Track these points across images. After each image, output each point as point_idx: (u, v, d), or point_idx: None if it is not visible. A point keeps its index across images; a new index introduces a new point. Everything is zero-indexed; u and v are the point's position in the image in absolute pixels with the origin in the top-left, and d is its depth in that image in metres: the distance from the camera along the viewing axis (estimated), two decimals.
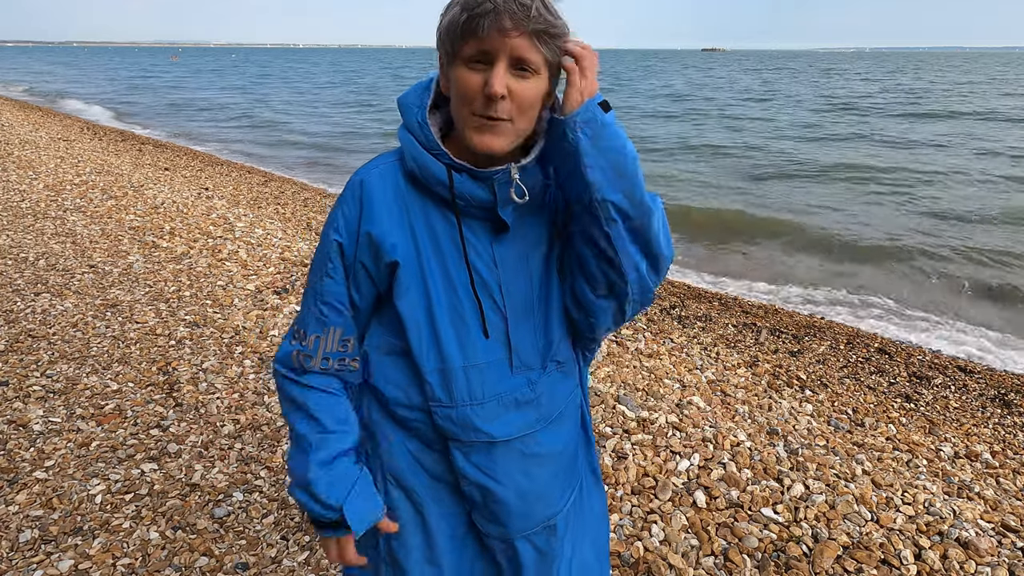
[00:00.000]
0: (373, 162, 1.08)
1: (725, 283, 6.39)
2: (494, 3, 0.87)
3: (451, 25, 0.92)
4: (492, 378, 1.10)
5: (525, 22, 0.88)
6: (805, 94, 31.80)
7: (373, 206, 1.03)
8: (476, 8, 0.88)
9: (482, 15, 0.88)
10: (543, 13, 0.89)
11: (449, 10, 0.93)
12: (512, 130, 0.97)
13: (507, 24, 0.88)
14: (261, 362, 3.26)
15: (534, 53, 0.92)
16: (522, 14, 0.88)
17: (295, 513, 2.22)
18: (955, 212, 9.02)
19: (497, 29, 0.89)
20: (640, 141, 16.08)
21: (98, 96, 27.64)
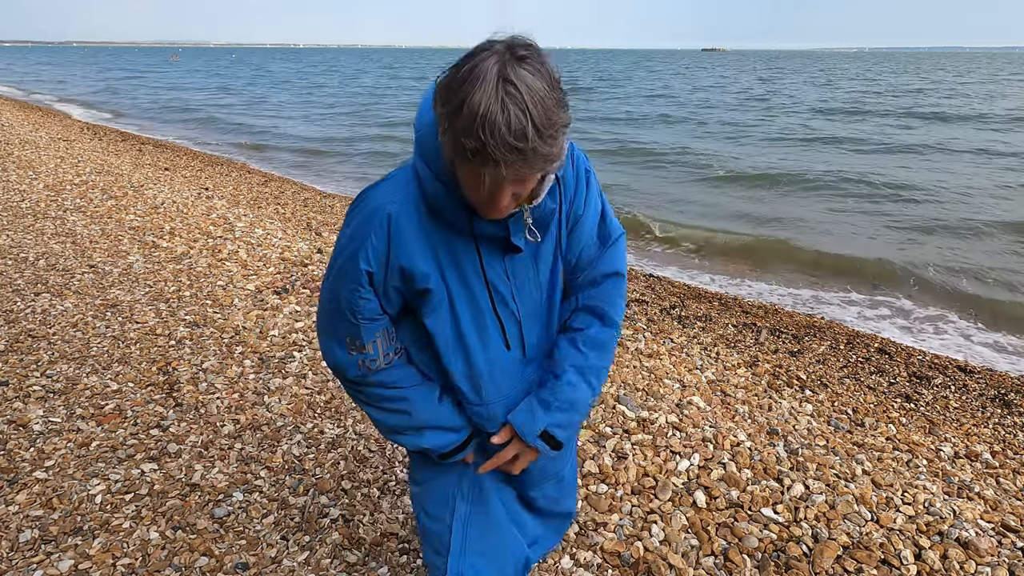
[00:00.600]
0: (391, 189, 1.16)
1: (727, 283, 6.40)
2: (493, 155, 0.91)
3: (454, 139, 0.94)
4: (513, 374, 1.34)
5: (523, 168, 0.94)
6: (808, 95, 31.71)
7: (402, 241, 1.14)
8: (476, 153, 0.92)
9: (484, 163, 0.93)
10: (540, 149, 0.93)
11: (451, 113, 0.92)
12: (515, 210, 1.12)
13: (507, 174, 0.94)
14: (261, 362, 3.26)
15: (532, 180, 1.02)
16: (520, 162, 0.93)
17: (295, 513, 2.22)
18: (956, 212, 9.02)
19: (499, 176, 0.95)
20: (640, 146, 16.12)
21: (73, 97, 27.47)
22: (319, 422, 2.76)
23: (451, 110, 0.92)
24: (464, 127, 0.90)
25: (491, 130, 0.89)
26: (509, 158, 0.91)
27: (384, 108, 23.21)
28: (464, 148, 0.92)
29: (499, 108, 0.88)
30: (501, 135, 0.89)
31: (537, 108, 0.91)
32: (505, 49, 0.93)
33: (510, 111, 0.89)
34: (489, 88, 0.89)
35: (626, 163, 13.22)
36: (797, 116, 21.63)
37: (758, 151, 14.55)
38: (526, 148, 0.91)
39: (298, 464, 2.49)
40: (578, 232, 1.30)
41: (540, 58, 0.95)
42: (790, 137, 16.68)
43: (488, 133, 0.89)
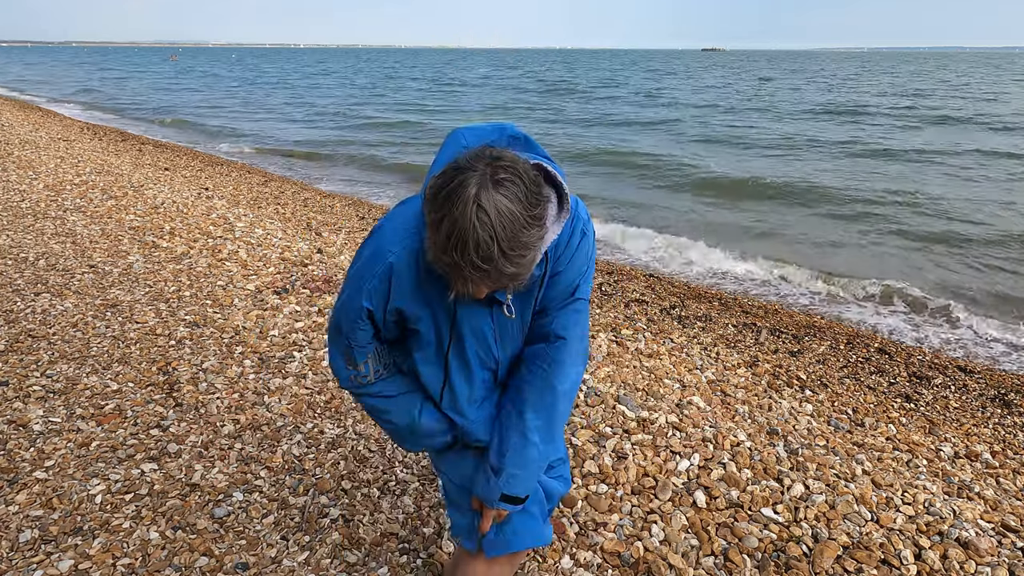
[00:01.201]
0: (398, 235, 1.26)
1: (727, 283, 6.40)
2: (462, 274, 1.05)
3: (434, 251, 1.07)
4: (490, 399, 1.51)
5: (492, 284, 1.07)
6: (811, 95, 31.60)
7: (401, 287, 1.27)
8: (453, 270, 1.05)
9: (457, 276, 1.07)
10: (505, 269, 1.04)
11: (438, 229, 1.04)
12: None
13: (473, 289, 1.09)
14: (261, 362, 3.26)
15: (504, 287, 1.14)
16: (490, 281, 1.06)
17: (295, 513, 2.22)
18: (958, 212, 9.02)
19: (473, 288, 1.09)
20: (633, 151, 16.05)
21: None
22: (319, 422, 2.76)
23: (434, 221, 1.04)
24: (441, 243, 1.03)
25: (461, 250, 1.01)
26: (475, 275, 1.04)
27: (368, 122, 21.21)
28: (441, 260, 1.06)
29: (470, 230, 0.99)
30: (469, 256, 1.01)
31: (505, 232, 1.00)
32: (488, 170, 1.02)
33: (479, 235, 0.99)
34: (465, 210, 0.99)
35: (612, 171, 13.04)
36: (802, 120, 21.54)
37: (752, 157, 14.54)
38: (491, 269, 1.02)
39: (298, 464, 2.49)
40: (554, 284, 1.37)
41: (518, 177, 1.04)
42: (784, 144, 16.60)
43: (459, 253, 1.01)
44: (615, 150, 14.44)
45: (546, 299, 1.39)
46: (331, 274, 4.60)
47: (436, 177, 1.06)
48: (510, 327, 1.40)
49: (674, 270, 6.77)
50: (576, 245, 1.34)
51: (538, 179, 1.08)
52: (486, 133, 1.25)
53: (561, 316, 1.41)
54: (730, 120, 20.66)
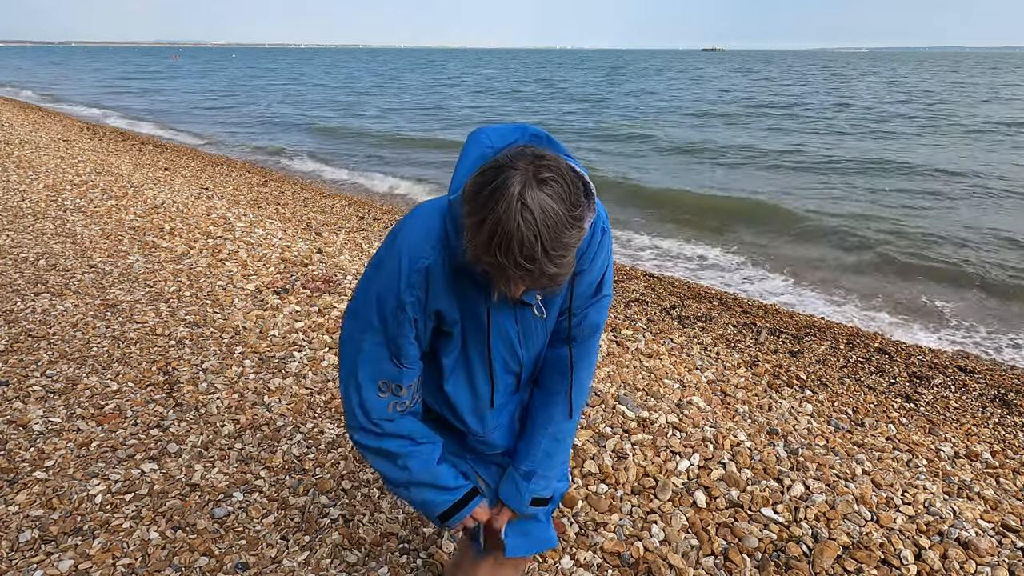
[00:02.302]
0: (425, 241, 1.23)
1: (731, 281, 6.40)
2: (506, 274, 1.03)
3: (476, 252, 1.05)
4: (511, 405, 1.51)
5: (533, 284, 1.06)
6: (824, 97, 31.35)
7: (439, 290, 1.25)
8: (495, 270, 1.04)
9: (499, 276, 1.06)
10: (547, 270, 1.02)
11: (480, 230, 1.01)
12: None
13: (514, 289, 1.09)
14: (261, 362, 3.26)
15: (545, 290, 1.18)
16: (529, 280, 1.04)
17: (295, 513, 2.22)
18: (959, 212, 9.02)
19: (513, 289, 1.09)
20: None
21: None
22: (319, 422, 2.76)
23: (475, 222, 1.02)
24: (483, 243, 1.01)
25: (505, 250, 0.99)
26: (518, 274, 1.02)
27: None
28: (483, 261, 1.04)
29: (514, 229, 0.97)
30: (513, 256, 0.99)
31: (549, 232, 0.99)
32: (529, 169, 1.00)
33: (523, 234, 0.97)
34: (509, 209, 0.97)
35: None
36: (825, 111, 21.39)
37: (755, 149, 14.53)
38: (535, 269, 1.01)
39: (298, 464, 2.49)
40: (579, 283, 1.36)
41: (560, 176, 1.02)
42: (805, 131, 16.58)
43: (502, 253, 0.99)
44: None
45: (572, 298, 1.38)
46: (331, 274, 4.60)
47: (476, 175, 1.04)
48: (534, 328, 1.38)
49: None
50: (598, 243, 1.34)
51: (577, 181, 1.07)
52: (508, 132, 1.23)
53: (590, 315, 1.42)
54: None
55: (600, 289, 1.40)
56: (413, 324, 1.27)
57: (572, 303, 1.39)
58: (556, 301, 1.37)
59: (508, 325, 1.34)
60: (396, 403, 1.34)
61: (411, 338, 1.29)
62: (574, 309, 1.40)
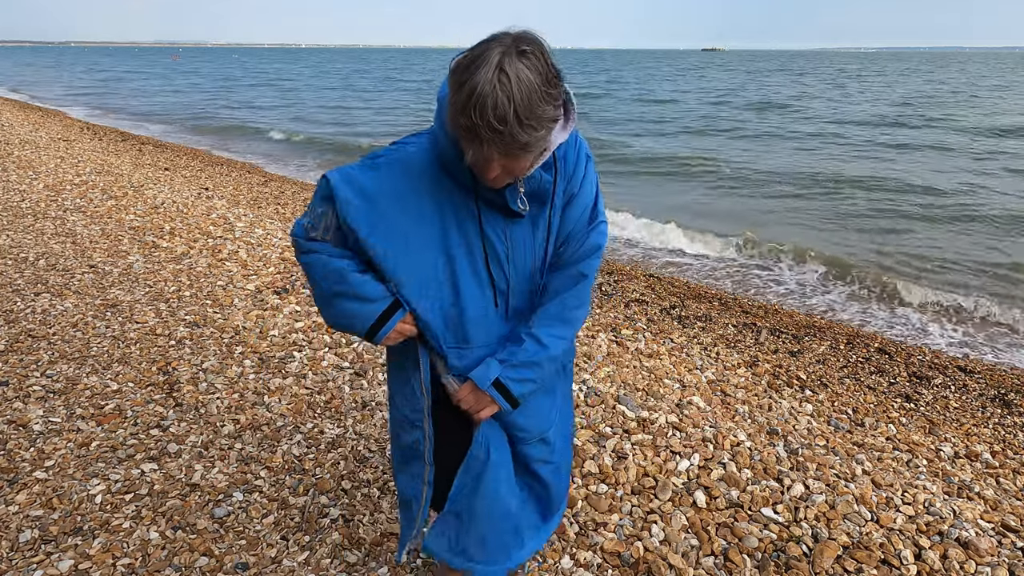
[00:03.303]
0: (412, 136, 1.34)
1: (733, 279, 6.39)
2: (479, 135, 1.06)
3: (454, 115, 1.09)
4: (495, 326, 1.45)
5: (502, 149, 1.09)
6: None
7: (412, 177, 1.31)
8: (465, 131, 1.08)
9: (472, 140, 1.09)
10: (518, 137, 1.07)
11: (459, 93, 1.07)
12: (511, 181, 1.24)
13: (492, 155, 1.10)
14: (261, 362, 3.26)
15: (519, 160, 1.14)
16: (500, 143, 1.07)
17: (295, 513, 2.22)
18: (957, 212, 9.02)
19: (486, 154, 1.10)
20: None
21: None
22: (319, 422, 2.76)
23: (455, 87, 1.07)
24: (461, 104, 1.05)
25: (480, 111, 1.03)
26: (489, 137, 1.05)
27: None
28: (459, 124, 1.08)
29: (489, 91, 1.02)
30: (486, 116, 1.03)
31: (523, 99, 1.04)
32: (511, 42, 1.06)
33: (497, 96, 1.02)
34: (487, 74, 1.03)
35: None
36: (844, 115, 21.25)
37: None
38: (505, 131, 1.05)
39: (298, 464, 2.49)
40: (571, 210, 1.41)
41: (541, 55, 1.07)
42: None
43: (477, 113, 1.03)
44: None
45: (568, 223, 1.41)
46: None
47: (464, 51, 1.10)
48: (522, 244, 1.38)
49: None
50: (584, 166, 1.39)
51: (555, 69, 1.11)
52: None
53: (591, 237, 1.44)
54: None
55: (596, 214, 1.45)
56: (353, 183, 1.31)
57: (569, 229, 1.41)
58: (542, 216, 1.37)
59: (496, 241, 1.35)
60: (308, 227, 1.35)
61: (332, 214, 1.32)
62: (574, 235, 1.42)
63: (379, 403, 2.92)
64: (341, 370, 3.21)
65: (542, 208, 1.36)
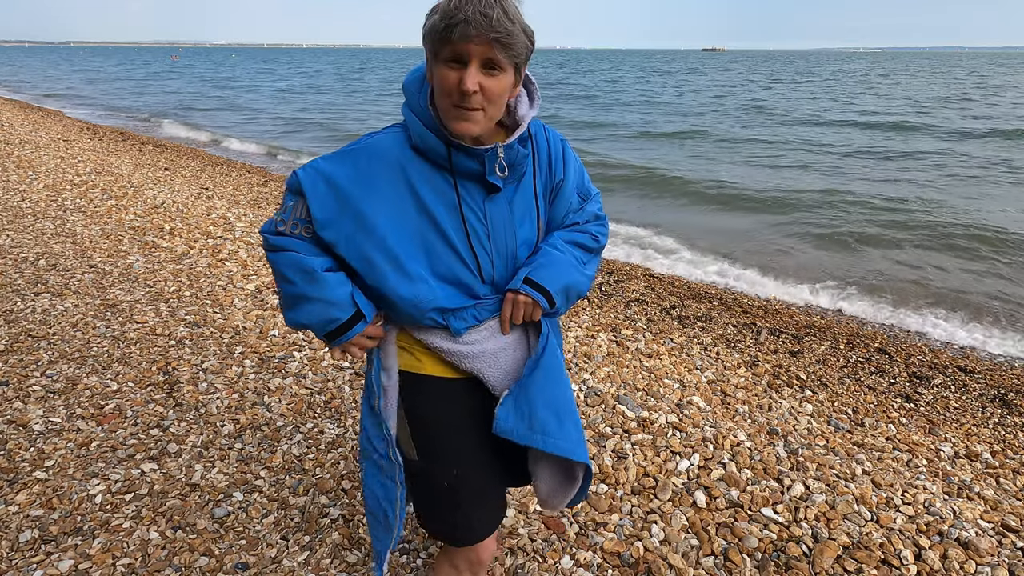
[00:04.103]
0: (388, 135, 1.31)
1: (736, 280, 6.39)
2: (464, 15, 1.09)
3: (432, 30, 1.14)
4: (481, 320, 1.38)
5: (487, 31, 1.10)
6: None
7: (388, 161, 1.30)
8: (450, 19, 1.10)
9: (454, 25, 1.10)
10: (504, 23, 1.11)
11: (431, 16, 1.14)
12: (484, 117, 1.21)
13: (473, 32, 1.10)
14: (261, 362, 3.26)
15: (498, 55, 1.14)
16: (485, 24, 1.10)
17: (295, 513, 2.22)
18: (959, 211, 9.02)
19: (466, 37, 1.11)
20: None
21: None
22: (319, 422, 2.76)
23: (430, 12, 1.13)
24: (441, 11, 1.11)
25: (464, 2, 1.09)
26: (475, 18, 1.08)
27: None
28: (438, 29, 1.11)
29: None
30: (474, 2, 1.09)
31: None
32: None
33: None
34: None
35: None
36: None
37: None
38: (492, 15, 1.09)
39: (298, 464, 2.49)
40: (562, 194, 1.44)
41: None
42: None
43: (463, 3, 1.09)
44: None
45: (560, 208, 1.45)
46: None
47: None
48: (500, 224, 1.33)
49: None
50: (563, 151, 1.43)
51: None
52: None
53: (587, 208, 1.51)
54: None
55: (587, 189, 1.52)
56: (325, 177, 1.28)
57: (568, 210, 1.46)
58: (523, 193, 1.36)
59: (474, 220, 1.31)
60: (277, 221, 1.33)
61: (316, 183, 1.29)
62: (570, 213, 1.48)
63: None
64: (341, 370, 3.21)
65: (518, 185, 1.35)
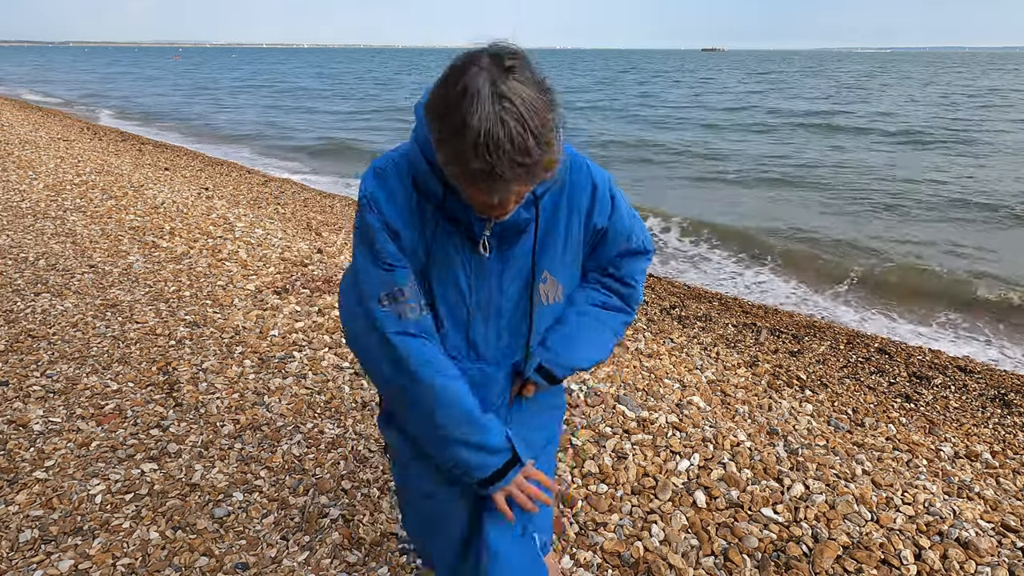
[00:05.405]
0: (386, 159, 1.22)
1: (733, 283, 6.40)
2: (504, 176, 0.93)
3: (460, 163, 0.95)
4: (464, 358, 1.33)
5: (531, 179, 0.98)
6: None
7: (395, 215, 1.21)
8: (487, 177, 0.94)
9: (492, 181, 0.95)
10: (542, 166, 0.96)
11: (460, 137, 0.92)
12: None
13: (513, 188, 0.98)
14: (261, 362, 3.26)
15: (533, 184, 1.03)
16: (530, 177, 0.96)
17: (295, 513, 2.22)
18: (957, 212, 9.02)
19: (507, 190, 0.98)
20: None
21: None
22: (319, 422, 2.76)
23: (451, 132, 0.93)
24: (469, 150, 0.92)
25: (496, 150, 0.90)
26: (516, 173, 0.94)
27: None
28: (470, 170, 0.94)
29: (500, 126, 0.89)
30: (507, 153, 0.91)
31: (534, 120, 0.92)
32: (492, 62, 0.93)
33: (511, 128, 0.90)
34: (486, 106, 0.89)
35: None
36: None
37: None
38: (531, 162, 0.93)
39: (298, 464, 2.49)
40: (605, 242, 1.35)
41: (527, 64, 0.96)
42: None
43: (494, 154, 0.90)
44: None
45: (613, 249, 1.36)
46: (331, 274, 4.60)
47: (437, 85, 0.96)
48: (486, 278, 1.25)
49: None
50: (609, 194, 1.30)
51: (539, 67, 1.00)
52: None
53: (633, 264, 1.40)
54: None
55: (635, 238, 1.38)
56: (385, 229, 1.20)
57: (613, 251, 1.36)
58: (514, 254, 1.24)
59: (459, 267, 1.23)
60: (401, 310, 1.21)
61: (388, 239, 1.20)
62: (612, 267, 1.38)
63: (379, 403, 2.92)
64: (341, 370, 3.21)
65: (511, 247, 1.24)
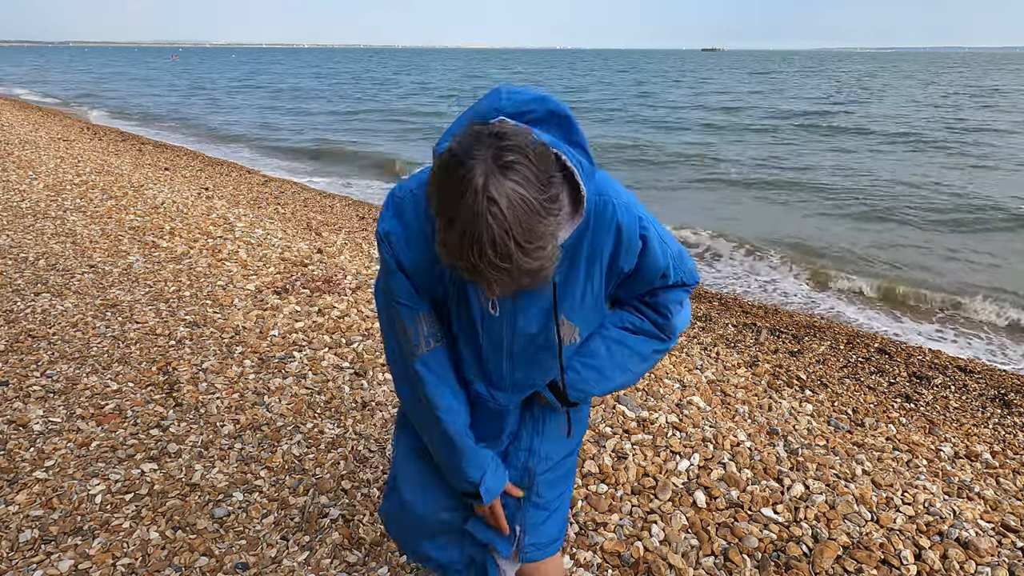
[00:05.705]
0: (413, 198, 1.22)
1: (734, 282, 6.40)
2: (487, 277, 0.95)
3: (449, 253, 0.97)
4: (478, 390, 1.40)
5: (514, 283, 0.98)
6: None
7: (406, 253, 1.25)
8: (473, 272, 0.96)
9: (476, 275, 0.97)
10: (524, 271, 0.95)
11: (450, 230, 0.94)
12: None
13: (496, 289, 0.99)
14: (261, 362, 3.26)
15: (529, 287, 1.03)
16: (510, 280, 0.97)
17: (295, 513, 2.22)
18: (958, 211, 9.02)
19: (491, 284, 0.98)
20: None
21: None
22: (319, 422, 2.76)
23: (444, 222, 0.95)
24: (455, 246, 0.94)
25: (478, 253, 0.92)
26: (495, 276, 0.95)
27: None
28: (457, 263, 0.97)
29: (483, 229, 0.90)
30: (487, 258, 0.92)
31: (520, 225, 0.91)
32: (490, 155, 0.92)
33: (494, 232, 0.90)
34: (474, 206, 0.90)
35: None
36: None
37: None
38: (511, 268, 0.94)
39: (298, 464, 2.49)
40: (639, 277, 1.31)
41: (527, 159, 0.94)
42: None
43: (476, 256, 0.92)
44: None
45: (634, 288, 1.34)
46: (331, 274, 4.60)
47: (438, 166, 0.97)
48: (501, 316, 1.27)
49: None
50: (640, 238, 1.24)
51: (545, 152, 0.97)
52: (524, 101, 1.12)
53: (668, 294, 1.37)
54: None
55: (666, 278, 1.34)
56: (399, 268, 1.24)
57: (645, 287, 1.34)
58: (537, 308, 1.26)
59: (473, 300, 1.26)
60: (407, 347, 1.31)
61: (401, 277, 1.25)
62: (649, 296, 1.36)
63: (379, 403, 2.93)
64: (341, 370, 3.21)
65: (534, 299, 1.25)
